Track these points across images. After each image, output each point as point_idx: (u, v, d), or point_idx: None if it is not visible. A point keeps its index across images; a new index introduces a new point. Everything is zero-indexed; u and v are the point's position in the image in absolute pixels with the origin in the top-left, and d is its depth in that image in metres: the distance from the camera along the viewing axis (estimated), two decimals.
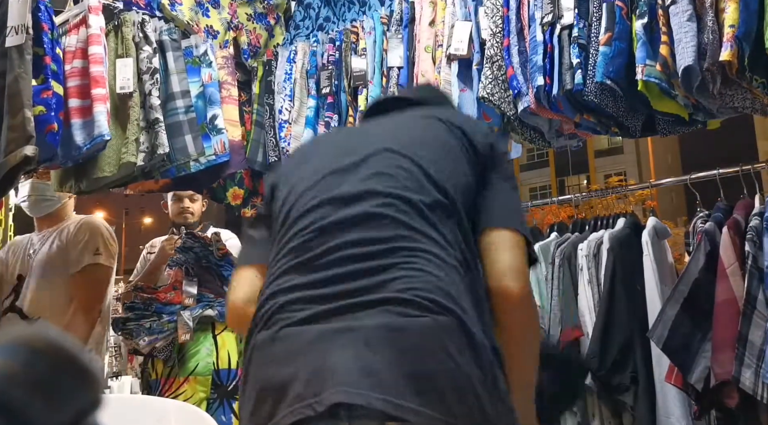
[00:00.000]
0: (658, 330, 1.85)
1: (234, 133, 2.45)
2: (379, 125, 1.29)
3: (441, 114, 1.25)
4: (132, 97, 2.20)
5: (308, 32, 2.74)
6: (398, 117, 1.29)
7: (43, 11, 1.89)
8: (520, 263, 1.12)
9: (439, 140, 1.19)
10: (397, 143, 1.17)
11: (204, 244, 2.58)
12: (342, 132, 1.33)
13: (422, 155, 1.15)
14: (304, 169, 1.19)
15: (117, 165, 2.18)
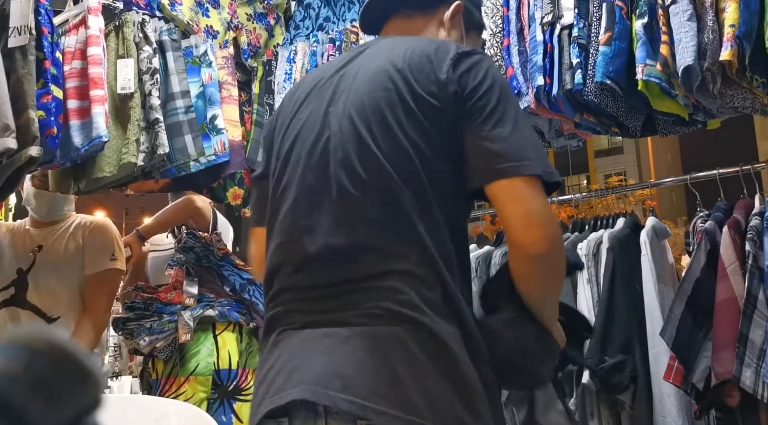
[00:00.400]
0: (668, 329, 1.86)
1: (234, 133, 2.45)
2: (344, 92, 1.16)
3: (396, 58, 1.13)
4: (133, 97, 2.20)
5: (308, 32, 2.74)
6: (365, 73, 1.16)
7: (43, 14, 1.88)
8: (522, 212, 1.02)
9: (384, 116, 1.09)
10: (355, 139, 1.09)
11: (205, 244, 2.58)
12: (322, 88, 1.20)
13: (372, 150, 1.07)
14: (286, 138, 1.21)
15: (117, 165, 2.18)
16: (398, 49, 1.16)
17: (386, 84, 1.11)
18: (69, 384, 0.49)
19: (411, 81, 1.09)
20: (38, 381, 0.47)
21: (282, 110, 1.30)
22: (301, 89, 1.27)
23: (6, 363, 0.47)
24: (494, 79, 1.11)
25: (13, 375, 0.46)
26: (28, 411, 0.45)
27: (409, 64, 1.11)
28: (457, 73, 1.09)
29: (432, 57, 1.11)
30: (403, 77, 1.10)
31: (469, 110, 1.07)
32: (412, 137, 1.06)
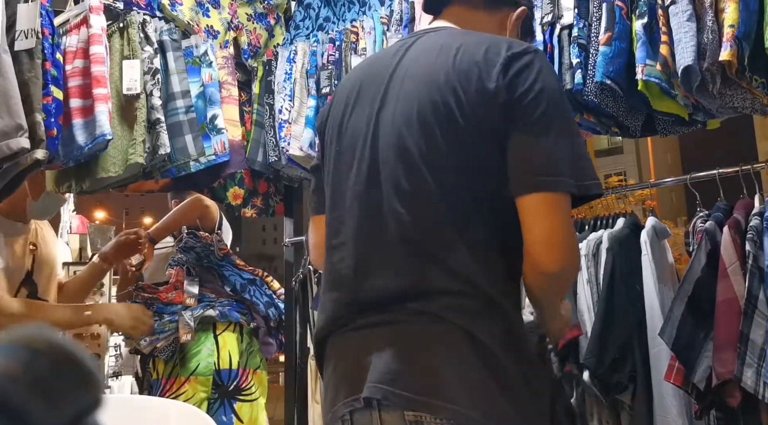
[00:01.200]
0: (668, 329, 1.85)
1: (234, 133, 2.45)
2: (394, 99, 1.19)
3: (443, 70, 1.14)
4: (139, 98, 2.21)
5: (308, 32, 2.74)
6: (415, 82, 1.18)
7: (44, 16, 1.88)
8: (546, 230, 1.05)
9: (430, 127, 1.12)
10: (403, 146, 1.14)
11: (205, 244, 2.58)
12: (372, 86, 1.23)
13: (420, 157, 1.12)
14: (340, 139, 1.25)
15: (123, 165, 2.18)
16: (447, 51, 1.16)
17: (434, 96, 1.13)
18: (69, 384, 0.49)
19: (460, 95, 1.10)
20: (38, 381, 0.47)
21: (335, 103, 1.32)
22: (353, 83, 1.30)
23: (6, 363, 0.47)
24: (545, 84, 1.10)
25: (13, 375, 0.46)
26: (28, 411, 0.45)
27: (457, 74, 1.12)
28: (507, 78, 1.09)
29: (481, 63, 1.11)
30: (451, 89, 1.11)
31: (516, 115, 1.08)
32: (460, 154, 1.10)
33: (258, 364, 2.58)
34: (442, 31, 1.26)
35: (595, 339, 2.08)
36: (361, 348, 1.10)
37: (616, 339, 2.08)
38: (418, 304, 1.06)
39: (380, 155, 1.15)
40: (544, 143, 1.06)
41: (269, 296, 2.61)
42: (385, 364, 1.05)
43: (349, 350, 1.13)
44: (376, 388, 1.04)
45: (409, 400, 1.02)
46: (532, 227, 1.06)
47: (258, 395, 2.54)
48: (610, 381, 2.06)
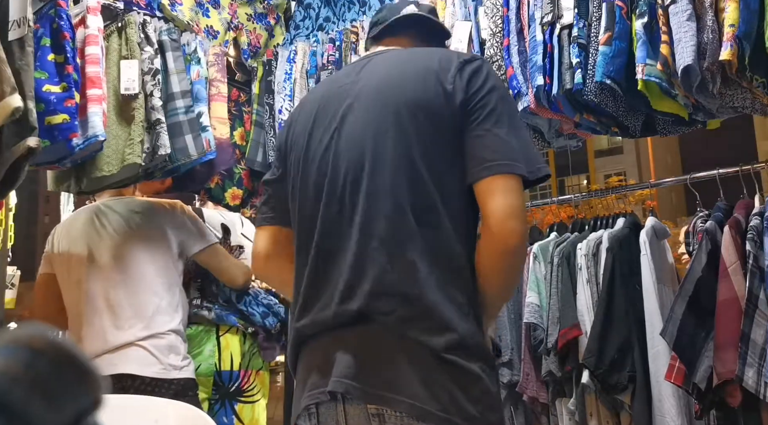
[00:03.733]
0: (669, 329, 1.85)
1: (222, 130, 2.44)
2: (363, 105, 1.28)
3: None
4: (137, 98, 2.20)
5: (308, 32, 2.74)
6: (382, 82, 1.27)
7: (64, 19, 1.90)
8: (506, 206, 1.14)
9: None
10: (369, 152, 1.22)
11: None
12: (331, 101, 1.33)
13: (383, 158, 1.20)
14: (302, 158, 1.33)
15: (118, 165, 2.17)
16: (402, 64, 1.28)
17: (397, 105, 1.22)
18: (69, 384, 0.49)
19: (420, 99, 1.21)
20: (38, 381, 0.47)
21: (293, 125, 1.41)
22: (311, 106, 1.37)
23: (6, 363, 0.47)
24: (494, 83, 1.23)
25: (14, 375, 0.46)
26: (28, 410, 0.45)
27: (414, 82, 1.23)
28: (462, 80, 1.20)
29: (437, 69, 1.22)
30: (412, 96, 1.21)
31: (472, 110, 1.19)
32: (425, 163, 1.18)
33: (260, 365, 2.57)
34: (392, 51, 1.37)
35: (594, 339, 2.08)
36: (328, 347, 1.17)
37: (616, 339, 2.08)
38: (381, 319, 1.13)
39: (343, 168, 1.22)
40: (499, 133, 1.17)
41: (267, 305, 2.57)
42: (349, 360, 1.12)
43: (318, 349, 1.20)
44: (339, 382, 1.11)
45: (370, 394, 1.09)
46: (493, 204, 1.14)
47: (260, 396, 2.52)
48: (609, 381, 2.06)
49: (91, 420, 0.51)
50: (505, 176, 1.15)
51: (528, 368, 2.30)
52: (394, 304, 1.12)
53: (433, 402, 1.06)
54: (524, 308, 2.33)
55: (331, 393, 1.13)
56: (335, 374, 1.13)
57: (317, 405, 1.16)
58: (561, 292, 2.25)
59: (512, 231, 1.13)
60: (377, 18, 1.46)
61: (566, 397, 2.25)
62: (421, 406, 1.06)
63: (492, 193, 1.14)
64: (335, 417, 1.13)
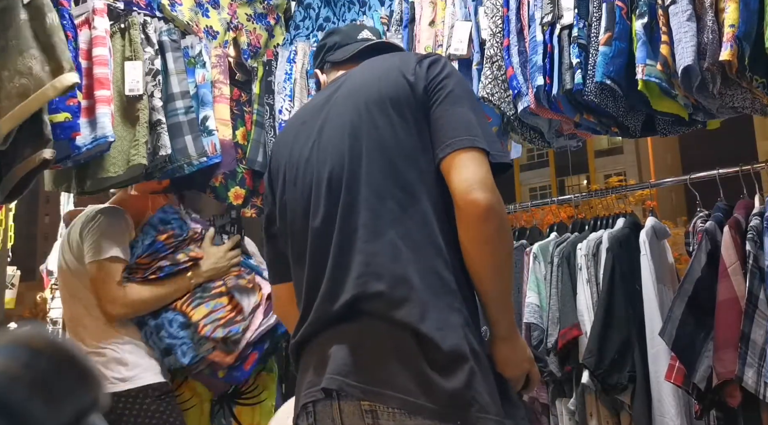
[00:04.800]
0: (668, 329, 1.85)
1: (225, 132, 2.45)
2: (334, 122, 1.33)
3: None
4: (141, 99, 2.21)
5: (308, 32, 2.74)
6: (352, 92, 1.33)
7: (66, 19, 1.89)
8: (471, 174, 1.16)
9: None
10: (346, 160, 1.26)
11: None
12: (306, 128, 1.39)
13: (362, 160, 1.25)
14: (284, 179, 1.39)
15: (123, 166, 2.18)
16: (369, 71, 1.35)
17: (368, 104, 1.28)
18: (69, 384, 0.49)
19: (385, 94, 1.27)
20: (38, 381, 0.47)
21: (274, 158, 1.47)
22: (286, 136, 1.45)
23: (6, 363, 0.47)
24: (451, 71, 1.30)
25: (14, 375, 0.46)
26: (28, 410, 0.45)
27: (379, 80, 1.31)
28: (422, 69, 1.27)
29: (399, 65, 1.30)
30: (378, 93, 1.28)
31: (432, 94, 1.25)
32: (399, 152, 1.23)
33: (264, 367, 2.54)
34: (358, 67, 1.41)
35: (594, 339, 2.08)
36: (324, 345, 1.19)
37: (616, 339, 2.08)
38: (366, 307, 1.15)
39: (326, 173, 1.27)
40: (459, 111, 1.22)
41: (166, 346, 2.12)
42: (342, 356, 1.14)
43: (315, 347, 1.22)
44: (333, 379, 1.13)
45: (363, 391, 1.10)
46: (455, 178, 1.16)
47: (264, 397, 2.50)
48: (609, 381, 2.06)
49: (91, 419, 0.51)
50: (466, 150, 1.18)
51: None
52: (381, 286, 1.14)
53: (425, 396, 1.07)
54: (524, 309, 2.33)
55: (325, 390, 1.15)
56: (329, 371, 1.15)
57: (314, 404, 1.18)
58: (561, 292, 2.25)
59: (475, 200, 1.13)
60: (332, 42, 1.51)
61: (566, 397, 2.25)
62: (414, 401, 1.07)
63: (454, 168, 1.17)
64: (331, 414, 1.15)
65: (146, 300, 2.11)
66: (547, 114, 1.99)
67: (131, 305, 2.09)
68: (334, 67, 1.50)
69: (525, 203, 2.93)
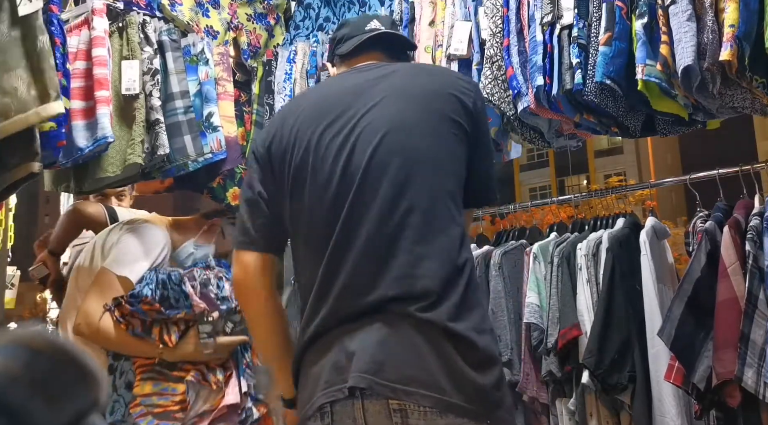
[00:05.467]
0: (667, 329, 1.85)
1: (230, 129, 2.45)
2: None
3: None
4: (138, 98, 2.20)
5: (308, 32, 2.74)
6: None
7: (55, 25, 1.87)
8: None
9: None
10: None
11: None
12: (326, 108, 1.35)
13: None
14: (302, 168, 1.31)
15: (120, 166, 2.18)
16: (428, 81, 1.37)
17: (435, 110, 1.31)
18: (69, 384, 0.49)
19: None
20: (38, 381, 0.47)
21: (278, 130, 1.37)
22: (297, 112, 1.36)
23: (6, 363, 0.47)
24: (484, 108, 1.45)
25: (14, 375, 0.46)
26: (28, 410, 0.45)
27: (446, 100, 1.33)
28: (478, 106, 1.38)
29: (456, 88, 1.35)
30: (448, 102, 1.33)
31: (475, 139, 1.35)
32: (452, 162, 1.32)
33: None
34: (391, 65, 1.42)
35: (594, 339, 2.08)
36: (343, 342, 1.15)
37: (616, 339, 2.08)
38: (399, 306, 1.13)
39: (371, 167, 1.23)
40: (491, 163, 1.41)
41: None
42: (370, 355, 1.10)
43: (330, 345, 1.17)
44: (361, 377, 1.09)
45: (393, 389, 1.07)
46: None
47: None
48: (609, 381, 2.06)
49: (91, 419, 0.51)
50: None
51: (528, 368, 2.30)
52: (429, 287, 1.13)
53: (457, 393, 1.07)
54: (524, 309, 2.33)
55: (350, 389, 1.11)
56: (356, 369, 1.11)
57: (331, 404, 1.14)
58: (561, 292, 2.25)
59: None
60: (341, 35, 1.49)
61: (566, 397, 2.25)
62: (447, 399, 1.06)
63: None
64: (352, 414, 1.11)
65: (109, 340, 1.87)
66: (547, 114, 1.99)
67: (94, 333, 1.86)
68: (343, 60, 1.48)
69: (525, 203, 2.93)
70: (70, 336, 1.96)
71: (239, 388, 1.90)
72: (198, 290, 1.89)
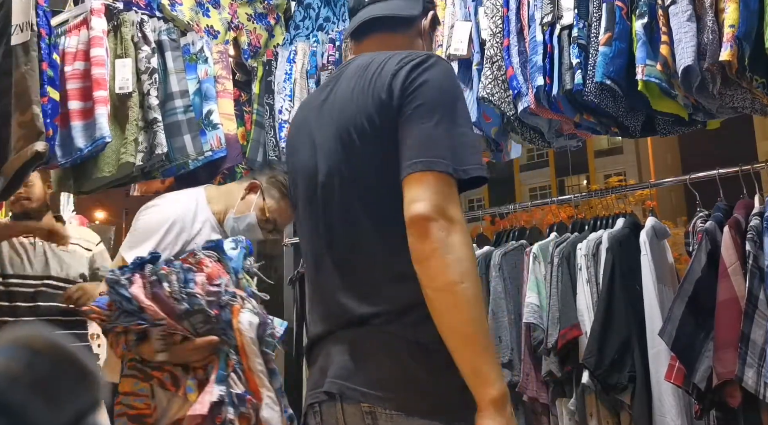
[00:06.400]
0: (668, 329, 1.85)
1: (229, 127, 2.45)
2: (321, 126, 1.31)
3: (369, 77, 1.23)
4: (131, 97, 2.20)
5: (308, 32, 2.74)
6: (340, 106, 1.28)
7: (41, 16, 1.87)
8: (416, 192, 1.09)
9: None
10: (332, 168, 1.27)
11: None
12: (310, 120, 1.37)
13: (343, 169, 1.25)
14: (295, 166, 1.40)
15: (116, 165, 2.18)
16: (362, 73, 1.26)
17: (354, 117, 1.23)
18: (69, 384, 0.49)
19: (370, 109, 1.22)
20: (38, 381, 0.47)
21: (288, 138, 1.49)
22: (296, 123, 1.44)
23: (6, 363, 0.47)
24: (429, 78, 1.17)
25: (14, 375, 0.46)
26: (28, 410, 0.45)
27: (364, 93, 1.23)
28: (398, 80, 1.18)
29: (381, 75, 1.21)
30: (363, 107, 1.22)
31: (403, 107, 1.17)
32: (379, 169, 1.21)
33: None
34: (359, 58, 1.34)
35: (594, 339, 2.08)
36: (328, 348, 1.25)
37: (616, 339, 2.08)
38: (372, 321, 1.19)
39: (322, 186, 1.27)
40: (423, 129, 1.13)
41: None
42: (342, 362, 1.20)
43: (321, 350, 1.28)
44: (333, 383, 1.18)
45: (362, 394, 1.15)
46: (406, 197, 1.11)
47: None
48: (609, 381, 2.06)
49: (91, 420, 0.51)
50: (421, 174, 1.09)
51: (528, 368, 2.30)
52: (379, 306, 1.18)
53: (422, 398, 1.12)
54: (524, 309, 2.33)
55: (327, 393, 1.20)
56: (330, 374, 1.20)
57: (319, 404, 1.23)
58: (561, 292, 2.25)
59: (414, 216, 1.07)
60: (351, 5, 1.45)
61: (566, 397, 2.25)
62: (410, 404, 1.12)
63: (410, 187, 1.10)
64: (335, 415, 1.19)
65: None
66: (547, 114, 1.99)
67: None
68: (353, 44, 1.45)
69: (525, 203, 2.93)
70: None
71: (211, 397, 1.61)
72: (149, 290, 1.66)
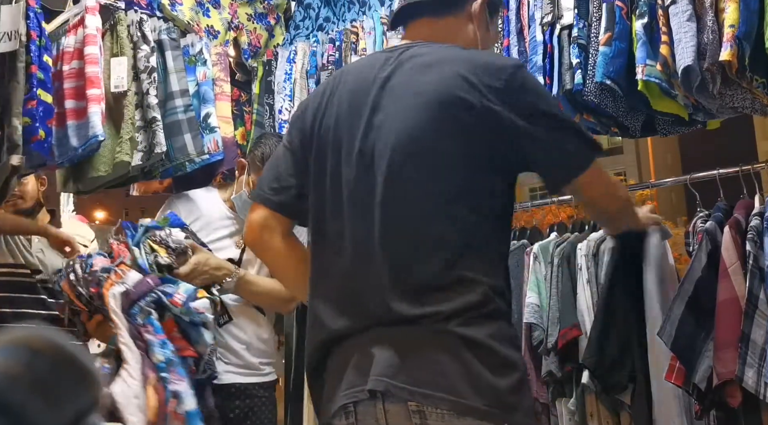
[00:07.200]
0: (667, 329, 1.85)
1: (226, 129, 2.45)
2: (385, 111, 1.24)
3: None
4: (126, 96, 2.19)
5: (308, 32, 2.74)
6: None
7: (32, 18, 1.85)
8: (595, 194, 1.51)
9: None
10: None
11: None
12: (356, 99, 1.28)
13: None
14: (325, 148, 1.29)
15: (112, 165, 2.17)
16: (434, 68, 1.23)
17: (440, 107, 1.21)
18: (68, 384, 0.49)
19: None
20: (38, 381, 0.47)
21: (315, 105, 1.35)
22: (339, 92, 1.31)
23: (6, 363, 0.47)
24: (527, 81, 1.30)
25: (14, 375, 0.46)
26: (28, 410, 0.45)
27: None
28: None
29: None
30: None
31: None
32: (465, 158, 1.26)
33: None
34: (421, 50, 1.29)
35: (594, 339, 2.08)
36: (365, 346, 1.18)
37: (616, 339, 2.08)
38: (422, 320, 1.15)
39: (380, 164, 1.21)
40: (547, 138, 1.34)
41: None
42: (388, 359, 1.13)
43: (354, 347, 1.20)
44: (379, 381, 1.12)
45: (411, 392, 1.10)
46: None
47: None
48: (609, 381, 2.06)
49: (91, 419, 0.51)
50: (576, 177, 1.54)
51: (528, 368, 2.30)
52: (432, 307, 1.14)
53: (476, 397, 1.08)
54: (524, 309, 2.33)
55: (370, 392, 1.14)
56: (374, 372, 1.14)
57: (355, 404, 1.17)
58: (561, 292, 2.25)
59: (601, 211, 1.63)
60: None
61: (566, 397, 2.25)
62: (465, 402, 1.08)
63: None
64: (374, 415, 1.14)
65: None
66: None
67: None
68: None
69: (525, 203, 2.92)
70: None
71: None
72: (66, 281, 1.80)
